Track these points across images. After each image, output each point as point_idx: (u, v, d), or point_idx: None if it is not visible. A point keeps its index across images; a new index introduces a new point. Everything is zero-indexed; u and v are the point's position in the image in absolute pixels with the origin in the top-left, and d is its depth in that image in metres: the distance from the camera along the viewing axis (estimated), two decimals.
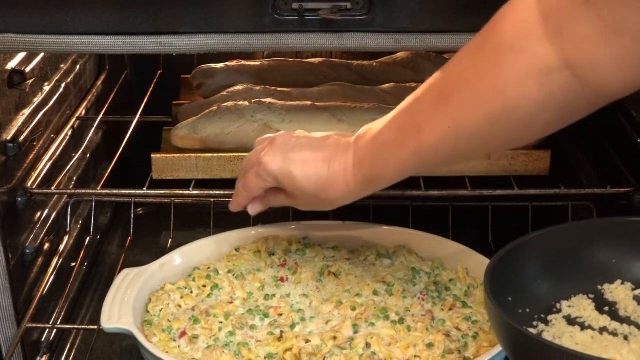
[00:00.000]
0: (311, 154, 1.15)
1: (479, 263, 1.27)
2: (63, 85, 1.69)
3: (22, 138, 1.43)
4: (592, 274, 1.06)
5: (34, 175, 1.49)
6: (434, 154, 1.03)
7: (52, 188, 1.56)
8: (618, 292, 1.05)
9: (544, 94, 0.90)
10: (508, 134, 0.97)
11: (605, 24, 0.83)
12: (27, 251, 1.44)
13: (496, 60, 0.92)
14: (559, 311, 1.04)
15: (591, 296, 1.05)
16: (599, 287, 1.06)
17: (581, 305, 1.04)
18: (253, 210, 1.27)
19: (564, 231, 1.09)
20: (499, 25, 0.92)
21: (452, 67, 0.99)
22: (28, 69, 1.47)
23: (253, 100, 1.55)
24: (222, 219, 1.66)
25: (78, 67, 1.80)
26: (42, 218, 1.54)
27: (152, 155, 1.52)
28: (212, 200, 1.68)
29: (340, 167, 1.12)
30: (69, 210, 1.63)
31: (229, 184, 1.53)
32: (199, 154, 1.51)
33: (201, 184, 1.54)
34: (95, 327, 1.37)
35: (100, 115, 1.83)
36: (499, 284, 0.97)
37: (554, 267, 1.06)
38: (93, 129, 1.84)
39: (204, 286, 1.29)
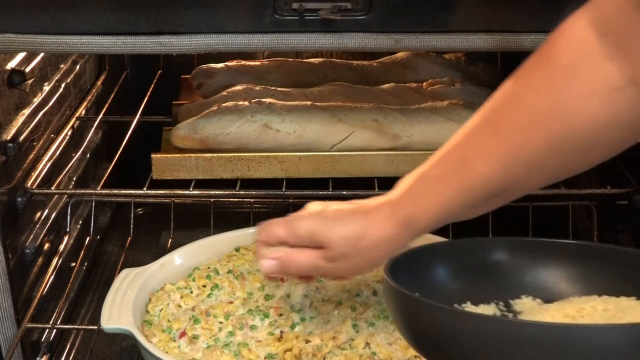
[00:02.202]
0: (348, 208, 1.03)
1: None
2: (63, 85, 1.69)
3: (22, 138, 1.43)
4: (503, 288, 1.05)
5: (34, 175, 1.49)
6: (482, 187, 0.95)
7: (52, 188, 1.56)
8: (525, 304, 1.04)
9: (607, 113, 0.88)
10: (567, 159, 0.93)
11: None
12: (27, 251, 1.44)
13: (553, 82, 0.89)
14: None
15: (500, 305, 1.04)
16: (509, 300, 1.04)
17: (486, 309, 1.02)
18: (267, 266, 1.06)
19: (476, 243, 1.09)
20: (553, 48, 0.91)
21: (502, 94, 0.95)
22: (28, 69, 1.47)
23: (253, 100, 1.55)
24: (222, 219, 1.66)
25: (78, 67, 1.80)
26: (42, 218, 1.54)
27: (152, 155, 1.52)
28: (212, 200, 1.68)
29: (378, 213, 1.00)
30: (69, 210, 1.63)
31: (229, 184, 1.53)
32: (199, 154, 1.51)
33: (201, 184, 1.54)
34: (95, 327, 1.37)
35: (100, 115, 1.83)
36: (403, 279, 0.94)
37: (463, 275, 1.05)
38: (93, 129, 1.84)
39: (204, 286, 1.29)
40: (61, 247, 1.59)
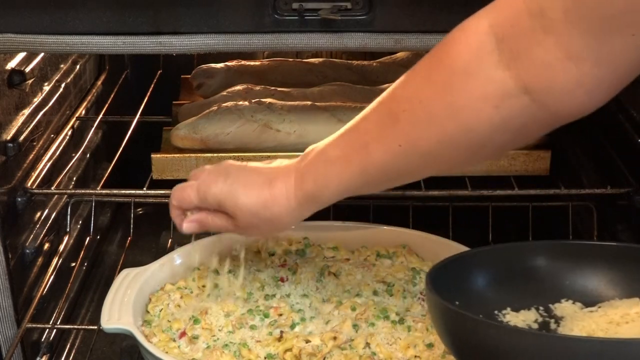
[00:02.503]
0: (254, 175, 1.12)
1: None
2: (63, 85, 1.69)
3: (22, 138, 1.43)
4: (543, 292, 1.05)
5: (34, 175, 1.49)
6: (381, 172, 1.01)
7: (52, 188, 1.56)
8: (566, 308, 1.04)
9: (500, 117, 0.91)
10: (461, 154, 0.97)
11: (565, 51, 0.85)
12: (27, 251, 1.44)
13: (451, 83, 0.93)
14: (504, 321, 1.02)
15: (540, 310, 1.04)
16: (549, 305, 1.04)
17: (527, 316, 1.03)
18: (188, 228, 1.18)
19: (515, 248, 1.09)
20: (453, 48, 0.93)
21: (402, 87, 0.99)
22: (28, 69, 1.47)
23: (253, 100, 1.55)
24: None
25: (78, 67, 1.80)
26: (42, 218, 1.54)
27: (152, 155, 1.52)
28: None
29: (282, 185, 1.08)
30: (69, 210, 1.63)
31: None
32: (199, 154, 1.51)
33: None
34: (95, 327, 1.37)
35: (100, 115, 1.83)
36: (444, 288, 0.96)
37: (503, 280, 1.05)
38: (93, 129, 1.84)
39: (204, 286, 1.29)
40: (61, 247, 1.59)
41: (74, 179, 1.73)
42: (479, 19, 0.92)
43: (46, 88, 1.60)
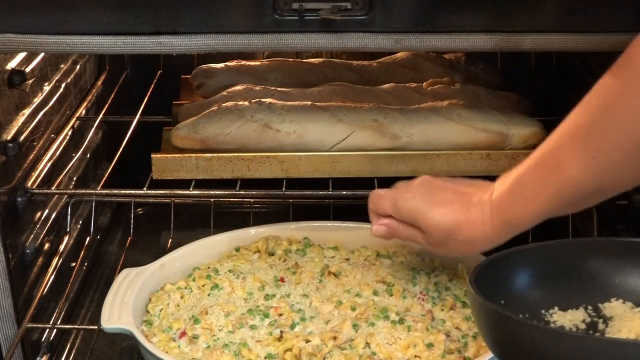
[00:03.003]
0: (452, 195, 1.12)
1: None
2: (63, 85, 1.69)
3: (22, 138, 1.43)
4: (591, 291, 1.04)
5: (34, 175, 1.49)
6: (576, 189, 0.99)
7: (52, 188, 1.56)
8: (616, 308, 1.03)
9: None
10: None
11: None
12: (27, 251, 1.44)
13: (637, 84, 0.92)
14: (550, 321, 1.02)
15: (589, 309, 1.03)
16: (598, 305, 1.03)
17: (575, 315, 1.02)
18: (377, 230, 1.20)
19: (563, 245, 1.09)
20: (636, 53, 0.93)
21: (589, 100, 0.98)
22: (28, 69, 1.47)
23: (253, 100, 1.55)
24: (222, 219, 1.66)
25: (78, 67, 1.80)
26: (42, 218, 1.54)
27: (152, 155, 1.52)
28: (212, 200, 1.68)
29: (479, 210, 1.08)
30: (69, 210, 1.63)
31: (229, 184, 1.53)
32: (199, 154, 1.51)
33: (201, 184, 1.54)
34: (95, 327, 1.37)
35: (100, 115, 1.83)
36: (488, 286, 0.96)
37: (550, 279, 1.05)
38: (93, 129, 1.84)
39: (204, 286, 1.29)
40: (61, 247, 1.59)
41: (74, 179, 1.73)
42: None
43: (46, 88, 1.59)
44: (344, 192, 1.49)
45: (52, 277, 1.50)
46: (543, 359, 0.87)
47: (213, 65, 1.77)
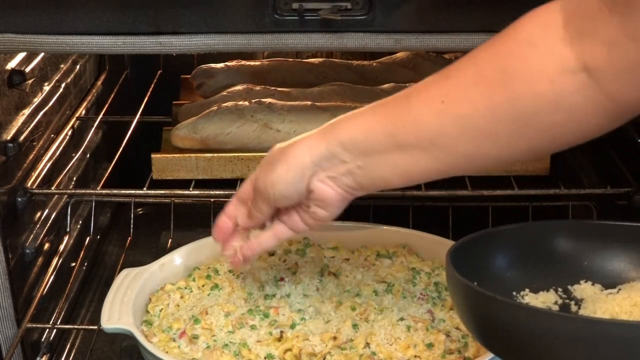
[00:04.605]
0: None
1: None
2: (63, 85, 1.69)
3: (22, 138, 1.43)
4: (561, 273, 1.04)
5: (34, 175, 1.49)
6: (414, 125, 0.96)
7: (52, 188, 1.56)
8: (585, 290, 1.03)
9: (554, 93, 0.89)
10: (501, 130, 0.93)
11: (628, 31, 0.84)
12: (27, 251, 1.44)
13: (509, 49, 0.91)
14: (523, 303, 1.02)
15: (559, 291, 1.03)
16: (568, 287, 1.03)
17: (546, 297, 1.02)
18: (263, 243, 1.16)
19: (533, 227, 1.09)
20: (520, 21, 0.92)
21: (463, 57, 0.97)
22: (28, 69, 1.47)
23: (253, 100, 1.55)
24: None
25: (78, 67, 1.80)
26: (42, 218, 1.54)
27: (152, 155, 1.53)
28: (212, 200, 1.68)
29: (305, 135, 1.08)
30: (69, 210, 1.63)
31: (229, 184, 1.53)
32: (199, 154, 1.51)
33: (201, 184, 1.54)
34: (95, 327, 1.37)
35: (100, 115, 1.83)
36: (462, 269, 0.94)
37: (520, 261, 1.04)
38: (93, 129, 1.84)
39: (204, 286, 1.29)
40: (61, 247, 1.59)
41: (74, 179, 1.73)
42: (551, 2, 0.92)
43: (46, 88, 1.60)
44: None
45: (52, 277, 1.51)
46: (528, 339, 0.86)
47: (213, 65, 1.78)
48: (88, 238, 1.72)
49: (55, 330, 1.50)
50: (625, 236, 1.05)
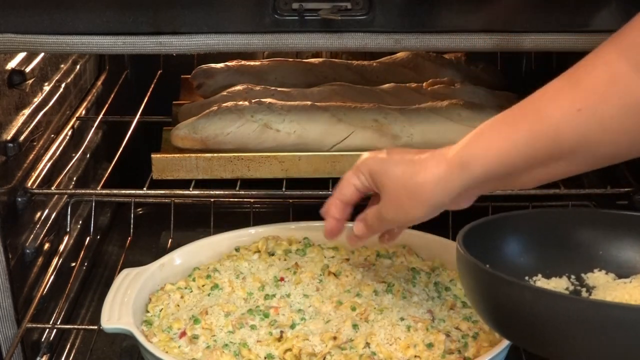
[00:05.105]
0: (411, 154, 1.05)
1: None
2: (63, 85, 1.69)
3: (22, 138, 1.43)
4: (575, 260, 1.04)
5: (34, 175, 1.49)
6: (553, 140, 0.91)
7: (52, 188, 1.56)
8: (598, 278, 1.03)
9: None
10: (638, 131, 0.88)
11: None
12: (27, 251, 1.44)
13: (637, 43, 0.87)
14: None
15: (572, 278, 1.03)
16: (581, 274, 1.03)
17: (558, 283, 1.02)
18: (357, 230, 1.16)
19: (551, 214, 1.08)
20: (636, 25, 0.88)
21: (586, 58, 0.92)
22: (28, 69, 1.47)
23: (253, 100, 1.55)
24: (222, 219, 1.66)
25: (78, 67, 1.80)
26: (42, 218, 1.54)
27: (152, 155, 1.52)
28: (212, 200, 1.68)
29: (433, 157, 1.01)
30: (69, 210, 1.63)
31: (229, 184, 1.53)
32: (199, 154, 1.51)
33: (201, 184, 1.54)
34: (95, 327, 1.37)
35: (100, 115, 1.83)
36: (474, 251, 0.94)
37: (535, 246, 1.04)
38: (93, 129, 1.84)
39: (204, 286, 1.29)
40: (61, 247, 1.59)
41: (74, 179, 1.73)
42: None
43: (46, 88, 1.59)
44: None
45: (52, 277, 1.50)
46: (533, 319, 0.86)
47: (213, 65, 1.78)
48: (88, 238, 1.72)
49: (55, 330, 1.50)
50: None
